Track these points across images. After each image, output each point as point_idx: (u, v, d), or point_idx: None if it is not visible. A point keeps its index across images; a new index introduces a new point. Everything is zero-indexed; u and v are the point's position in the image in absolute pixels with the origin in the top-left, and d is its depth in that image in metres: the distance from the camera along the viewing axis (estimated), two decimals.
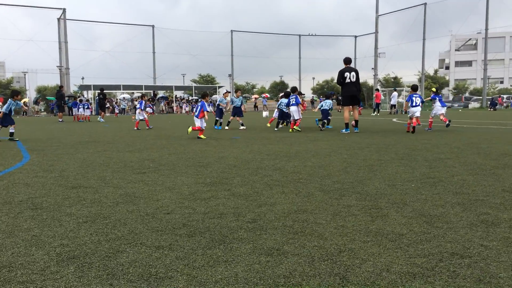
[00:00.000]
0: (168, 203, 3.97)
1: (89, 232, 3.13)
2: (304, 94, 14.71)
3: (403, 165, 6.10)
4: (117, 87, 50.20)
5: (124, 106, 44.04)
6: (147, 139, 11.42)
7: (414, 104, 12.64)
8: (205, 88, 60.41)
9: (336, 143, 9.58)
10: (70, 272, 2.40)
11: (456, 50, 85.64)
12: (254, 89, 76.30)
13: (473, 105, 50.81)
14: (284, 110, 14.84)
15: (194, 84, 60.29)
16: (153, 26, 54.90)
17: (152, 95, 47.91)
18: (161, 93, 52.98)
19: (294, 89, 15.32)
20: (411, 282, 2.20)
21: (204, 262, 2.51)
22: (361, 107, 13.00)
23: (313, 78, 76.19)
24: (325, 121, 14.82)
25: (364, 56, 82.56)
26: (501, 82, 79.45)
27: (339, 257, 2.56)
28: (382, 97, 40.25)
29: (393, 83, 63.22)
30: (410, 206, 3.78)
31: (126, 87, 49.94)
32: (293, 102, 14.18)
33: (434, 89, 14.45)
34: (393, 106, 33.73)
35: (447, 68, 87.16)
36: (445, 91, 75.67)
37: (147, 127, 16.07)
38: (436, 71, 77.57)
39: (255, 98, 52.16)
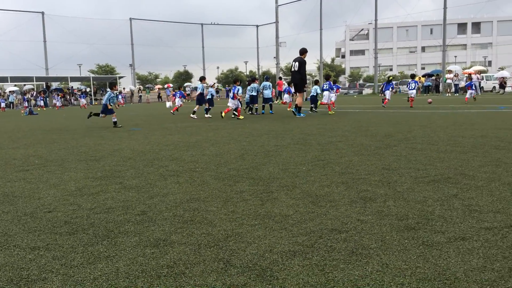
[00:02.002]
0: (50, 201, 3.71)
1: None
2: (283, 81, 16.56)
3: (297, 150, 6.34)
4: (3, 79, 45.88)
5: (13, 99, 40.39)
6: (35, 134, 10.59)
7: (409, 88, 18.45)
8: (104, 79, 57.59)
9: (237, 131, 9.68)
10: None
11: (350, 39, 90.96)
12: (158, 79, 74.42)
13: (366, 91, 54.42)
14: (254, 94, 16.47)
15: (92, 75, 57.09)
16: (42, 13, 50.91)
17: (44, 87, 44.56)
18: (55, 85, 49.50)
19: (327, 77, 18.56)
20: (291, 260, 2.28)
21: (83, 260, 2.38)
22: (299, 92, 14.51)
23: (218, 67, 76.25)
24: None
25: (266, 45, 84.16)
26: (390, 70, 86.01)
27: (225, 243, 2.58)
28: (285, 85, 41.44)
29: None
30: (299, 188, 3.94)
31: (15, 79, 45.84)
32: (326, 87, 16.91)
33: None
34: (294, 93, 34.87)
35: (343, 56, 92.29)
36: (341, 78, 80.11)
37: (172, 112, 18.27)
38: (333, 60, 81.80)
39: (158, 88, 50.93)
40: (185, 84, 60.72)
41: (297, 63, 14.05)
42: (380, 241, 2.50)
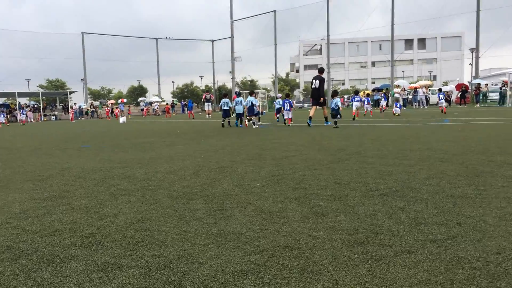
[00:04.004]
0: None
1: None
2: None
3: (252, 165, 6.35)
4: None
5: None
6: None
7: (355, 100, 21.01)
8: (54, 94, 55.81)
9: (192, 147, 9.60)
10: None
11: (304, 54, 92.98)
12: (111, 94, 72.80)
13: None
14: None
15: (41, 90, 55.10)
16: None
17: None
18: (1, 100, 47.39)
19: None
20: (243, 280, 2.27)
21: None
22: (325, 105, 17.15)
23: (173, 82, 75.61)
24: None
25: (222, 60, 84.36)
26: (343, 84, 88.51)
27: (176, 264, 2.54)
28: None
29: (250, 86, 66.03)
30: (253, 204, 3.94)
31: None
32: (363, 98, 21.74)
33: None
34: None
35: (297, 71, 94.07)
36: (296, 92, 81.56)
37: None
38: (287, 74, 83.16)
39: (112, 103, 49.85)
40: (140, 99, 59.83)
41: (317, 81, 15.95)
42: (331, 257, 2.54)
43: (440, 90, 28.38)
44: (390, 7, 46.78)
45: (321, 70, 16.86)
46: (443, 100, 24.62)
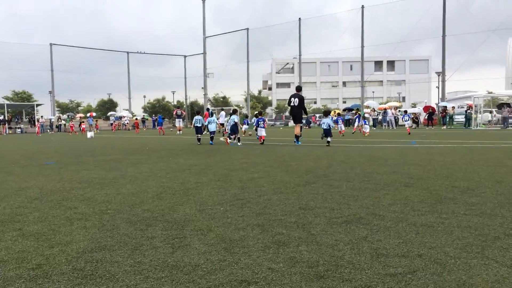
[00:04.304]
0: None
1: None
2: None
3: (218, 187, 6.23)
4: None
5: None
6: None
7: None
8: (20, 106, 54.34)
9: (158, 165, 9.41)
10: None
11: (276, 72, 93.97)
12: (80, 107, 71.40)
13: (292, 123, 56.09)
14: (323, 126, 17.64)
15: (6, 102, 53.52)
16: None
17: None
18: None
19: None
20: None
21: None
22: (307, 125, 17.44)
23: (144, 96, 74.90)
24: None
25: (194, 75, 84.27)
26: (315, 103, 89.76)
27: None
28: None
29: (222, 102, 66.06)
30: (214, 231, 3.82)
31: None
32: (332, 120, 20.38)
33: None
34: (221, 124, 34.99)
35: (270, 89, 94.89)
36: (268, 110, 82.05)
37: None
38: (260, 92, 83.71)
39: (80, 117, 48.85)
40: (109, 113, 58.93)
41: (297, 99, 16.14)
42: None
43: (405, 112, 31.01)
44: (360, 29, 47.99)
45: (298, 88, 17.21)
46: (409, 121, 26.95)
